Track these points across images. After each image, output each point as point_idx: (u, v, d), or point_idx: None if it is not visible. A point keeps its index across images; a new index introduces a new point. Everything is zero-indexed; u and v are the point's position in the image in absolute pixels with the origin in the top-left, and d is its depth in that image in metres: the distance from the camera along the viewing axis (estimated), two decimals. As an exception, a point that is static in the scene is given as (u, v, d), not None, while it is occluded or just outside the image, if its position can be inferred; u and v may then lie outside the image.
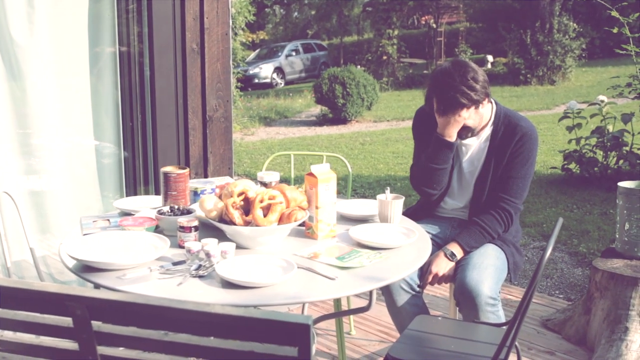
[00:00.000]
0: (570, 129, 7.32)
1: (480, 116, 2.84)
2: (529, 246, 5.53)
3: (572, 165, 7.64)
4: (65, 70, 3.50)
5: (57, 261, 3.56)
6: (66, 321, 1.27)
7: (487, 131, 2.91)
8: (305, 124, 14.83)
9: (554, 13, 18.41)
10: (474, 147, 2.94)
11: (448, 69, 2.79)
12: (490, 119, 2.91)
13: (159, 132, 3.62)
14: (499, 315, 2.68)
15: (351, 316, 3.70)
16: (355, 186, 8.01)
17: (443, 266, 2.81)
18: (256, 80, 23.85)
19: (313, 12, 35.32)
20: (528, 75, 18.50)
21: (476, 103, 2.77)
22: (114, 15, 3.57)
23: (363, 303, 3.48)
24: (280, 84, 24.82)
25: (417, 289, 2.84)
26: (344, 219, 2.69)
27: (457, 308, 2.82)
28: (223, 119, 3.77)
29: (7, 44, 3.27)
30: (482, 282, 2.65)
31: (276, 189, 2.32)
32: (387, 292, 2.84)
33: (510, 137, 2.85)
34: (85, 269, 2.07)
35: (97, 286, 2.01)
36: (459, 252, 2.83)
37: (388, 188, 2.72)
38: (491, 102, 2.90)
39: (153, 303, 1.17)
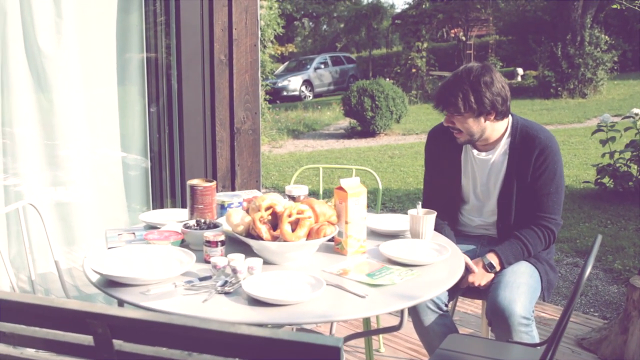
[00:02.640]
0: (604, 142, 7.19)
1: (482, 127, 2.77)
2: (562, 262, 5.41)
3: (606, 180, 7.50)
4: (93, 81, 3.49)
5: (83, 273, 3.55)
6: (87, 339, 1.22)
7: (505, 144, 2.83)
8: (334, 137, 14.80)
9: (585, 25, 18.22)
10: (492, 161, 2.86)
11: (467, 68, 2.77)
12: (506, 131, 2.83)
13: (186, 144, 3.59)
14: (533, 335, 2.59)
15: (380, 333, 3.63)
16: (384, 200, 7.94)
17: (480, 277, 2.72)
18: (285, 93, 23.89)
19: (342, 25, 35.36)
20: (559, 89, 18.30)
21: (472, 111, 2.71)
22: (142, 26, 3.55)
23: (392, 320, 3.41)
24: (309, 96, 24.84)
25: (445, 308, 2.75)
26: (374, 234, 2.62)
27: (490, 327, 2.74)
28: (251, 131, 3.73)
29: (35, 55, 3.26)
30: (515, 302, 2.56)
31: (305, 203, 2.26)
32: (413, 311, 2.74)
33: (529, 150, 2.77)
34: (109, 284, 2.03)
35: (120, 302, 1.96)
36: (497, 265, 2.74)
37: (420, 203, 2.64)
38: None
39: (176, 322, 1.12)
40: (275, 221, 2.22)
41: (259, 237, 2.18)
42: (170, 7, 3.55)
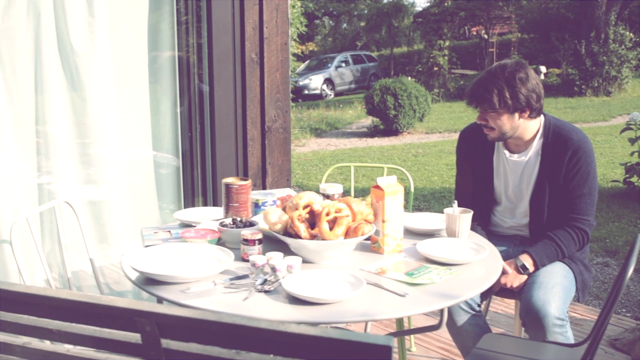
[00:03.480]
0: (632, 141, 7.11)
1: (515, 124, 2.73)
2: (592, 262, 5.36)
3: (635, 179, 7.42)
4: (125, 80, 3.50)
5: (114, 271, 3.57)
6: (134, 337, 1.22)
7: (537, 145, 2.79)
8: (356, 135, 14.76)
9: (609, 23, 18.04)
10: (525, 163, 2.82)
11: (502, 64, 2.76)
12: (538, 131, 2.80)
13: (218, 142, 3.59)
14: (567, 336, 2.56)
15: (412, 332, 3.60)
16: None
17: (513, 278, 2.70)
18: (306, 92, 23.87)
19: (362, 24, 35.29)
20: (583, 87, 18.12)
21: (507, 107, 2.68)
22: (173, 25, 3.56)
23: (424, 319, 3.39)
24: (330, 95, 24.80)
25: (477, 308, 2.73)
26: (409, 232, 2.60)
27: (523, 327, 2.71)
28: (282, 129, 3.73)
29: (68, 54, 3.28)
30: (549, 302, 2.53)
31: (342, 202, 2.25)
32: (447, 312, 2.73)
33: (562, 151, 2.72)
34: (148, 282, 2.03)
35: (160, 299, 1.96)
36: (530, 266, 2.71)
37: (455, 201, 2.62)
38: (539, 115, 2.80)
39: (225, 321, 1.11)
40: (312, 220, 2.22)
41: (297, 236, 2.17)
42: (202, 6, 3.56)
